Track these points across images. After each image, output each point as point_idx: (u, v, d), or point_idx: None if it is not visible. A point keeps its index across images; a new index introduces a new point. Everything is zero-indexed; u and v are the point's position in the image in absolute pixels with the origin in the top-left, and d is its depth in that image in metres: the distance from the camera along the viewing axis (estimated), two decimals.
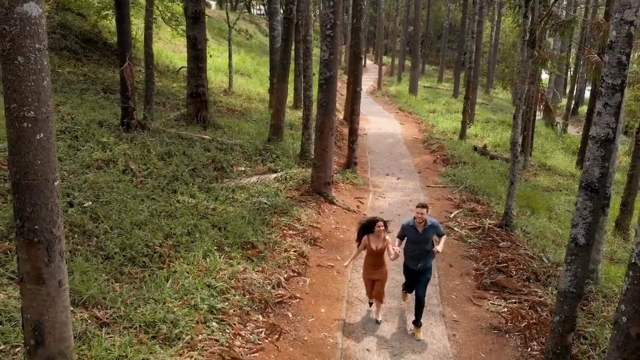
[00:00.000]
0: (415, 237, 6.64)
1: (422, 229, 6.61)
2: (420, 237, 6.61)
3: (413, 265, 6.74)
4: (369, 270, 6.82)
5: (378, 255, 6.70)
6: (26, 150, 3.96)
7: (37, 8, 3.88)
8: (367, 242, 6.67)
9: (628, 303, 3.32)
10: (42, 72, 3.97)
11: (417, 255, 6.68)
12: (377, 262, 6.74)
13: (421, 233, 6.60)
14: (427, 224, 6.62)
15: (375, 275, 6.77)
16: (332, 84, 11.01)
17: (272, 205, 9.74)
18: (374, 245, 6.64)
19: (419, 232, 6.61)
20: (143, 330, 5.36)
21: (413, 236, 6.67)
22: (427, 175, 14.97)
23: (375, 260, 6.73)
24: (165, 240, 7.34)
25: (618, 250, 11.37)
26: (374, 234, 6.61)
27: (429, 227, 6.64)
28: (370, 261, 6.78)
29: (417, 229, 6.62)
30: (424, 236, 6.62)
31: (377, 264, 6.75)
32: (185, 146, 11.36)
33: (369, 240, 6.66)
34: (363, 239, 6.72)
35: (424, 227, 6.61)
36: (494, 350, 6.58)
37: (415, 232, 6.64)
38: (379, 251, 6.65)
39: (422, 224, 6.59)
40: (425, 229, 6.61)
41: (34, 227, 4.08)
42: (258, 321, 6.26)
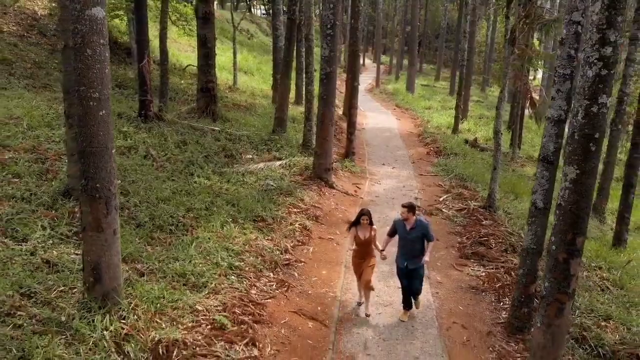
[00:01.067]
0: (403, 233, 6.80)
1: (410, 227, 6.73)
2: (407, 234, 6.75)
3: (401, 263, 6.88)
4: (357, 261, 7.08)
5: (366, 245, 6.96)
6: (91, 123, 5.05)
7: (102, 11, 4.96)
8: (355, 233, 6.98)
9: (556, 235, 4.38)
10: (105, 62, 5.05)
11: (405, 252, 6.81)
12: (366, 252, 7.00)
13: (408, 230, 6.74)
14: (416, 223, 6.76)
15: (364, 264, 7.00)
16: (332, 78, 12.09)
17: (278, 187, 10.82)
18: (361, 235, 6.92)
19: (407, 230, 6.76)
20: (175, 279, 6.44)
21: (401, 232, 6.83)
22: (420, 165, 16.05)
23: (363, 250, 7.00)
24: (187, 213, 8.43)
25: (592, 230, 12.45)
26: (361, 225, 6.93)
27: (418, 226, 6.75)
28: (359, 251, 7.05)
29: (405, 226, 6.78)
30: (410, 234, 6.73)
31: (366, 254, 7.00)
32: (197, 136, 12.44)
33: (357, 230, 6.96)
34: (351, 231, 7.07)
35: (412, 226, 6.73)
36: (471, 304, 7.67)
37: (403, 229, 6.80)
38: (366, 241, 6.92)
39: (411, 222, 6.74)
40: (413, 227, 6.73)
41: (96, 186, 5.17)
42: (269, 277, 7.35)
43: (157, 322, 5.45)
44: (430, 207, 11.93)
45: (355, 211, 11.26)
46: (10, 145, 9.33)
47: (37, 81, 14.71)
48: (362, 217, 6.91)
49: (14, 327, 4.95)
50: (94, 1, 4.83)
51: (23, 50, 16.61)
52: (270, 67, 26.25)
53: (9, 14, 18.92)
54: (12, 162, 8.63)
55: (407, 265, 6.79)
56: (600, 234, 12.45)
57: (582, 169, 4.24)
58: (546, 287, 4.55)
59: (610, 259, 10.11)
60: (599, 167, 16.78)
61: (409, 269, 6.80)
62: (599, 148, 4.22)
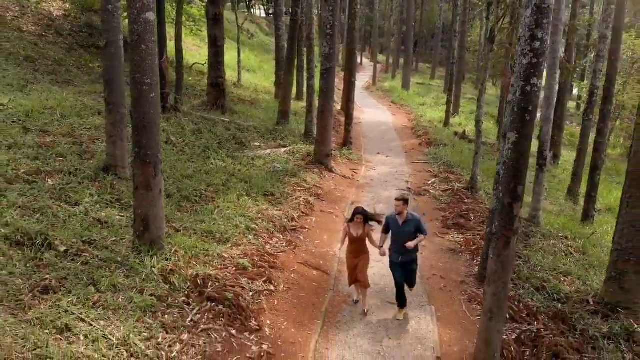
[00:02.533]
0: (396, 229, 6.82)
1: (402, 222, 6.78)
2: (400, 229, 6.77)
3: (395, 259, 6.90)
4: (350, 257, 7.08)
5: (359, 242, 6.99)
6: (144, 104, 6.43)
7: (153, 15, 6.35)
8: (348, 230, 7.01)
9: (502, 185, 5.74)
10: (154, 55, 6.43)
11: (398, 247, 6.78)
12: (359, 249, 7.03)
13: (401, 226, 6.77)
14: (408, 218, 6.79)
15: (357, 261, 7.03)
16: (331, 74, 13.48)
17: (284, 169, 12.21)
18: (354, 232, 6.94)
19: (399, 224, 6.79)
20: (204, 235, 7.83)
21: (394, 228, 6.86)
22: (412, 154, 17.45)
23: (356, 247, 7.03)
24: (207, 187, 9.81)
25: (566, 210, 13.86)
26: (354, 222, 6.95)
27: (410, 221, 6.79)
28: (351, 248, 7.06)
29: (397, 221, 6.80)
30: (403, 229, 6.75)
31: (359, 251, 7.03)
32: (210, 125, 13.82)
33: (350, 228, 6.99)
34: (344, 227, 7.13)
35: (404, 220, 6.77)
36: (449, 262, 9.07)
37: (395, 224, 6.83)
38: (359, 237, 6.95)
39: (403, 217, 6.78)
40: (405, 222, 6.77)
41: (147, 153, 6.55)
42: (280, 238, 8.74)
43: (193, 263, 6.83)
44: (419, 188, 13.33)
45: (352, 192, 12.72)
46: (49, 130, 10.69)
47: (59, 77, 16.04)
48: (356, 216, 6.92)
49: (83, 264, 6.31)
50: (148, 7, 6.21)
51: (43, 48, 17.96)
52: (271, 66, 27.64)
53: (27, 15, 20.26)
54: (54, 144, 10.00)
55: (400, 259, 6.85)
56: (572, 213, 13.83)
57: (520, 133, 5.60)
58: (496, 226, 5.91)
59: (576, 230, 11.51)
60: (573, 155, 18.06)
61: (402, 262, 6.89)
62: (532, 118, 5.57)
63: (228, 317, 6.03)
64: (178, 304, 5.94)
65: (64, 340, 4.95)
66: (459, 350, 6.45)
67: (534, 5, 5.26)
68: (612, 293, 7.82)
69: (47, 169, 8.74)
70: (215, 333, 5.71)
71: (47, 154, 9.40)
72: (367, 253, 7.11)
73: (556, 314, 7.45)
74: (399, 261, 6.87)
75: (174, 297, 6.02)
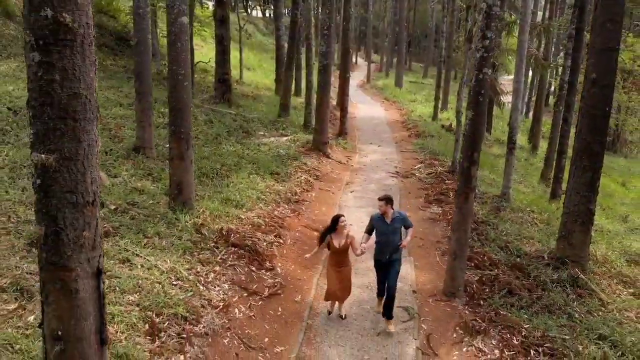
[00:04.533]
0: (384, 228, 6.69)
1: (390, 220, 6.71)
2: (389, 227, 6.68)
3: (381, 257, 6.78)
4: (332, 270, 6.72)
5: (342, 254, 6.63)
6: (179, 90, 8.01)
7: (186, 19, 7.93)
8: (330, 240, 6.60)
9: (462, 152, 7.33)
10: (187, 51, 8.03)
11: (384, 247, 6.70)
12: (341, 262, 6.68)
13: (389, 223, 6.69)
14: (395, 215, 6.77)
15: (340, 274, 6.71)
16: (328, 70, 15.10)
17: (286, 154, 13.81)
18: (336, 243, 6.54)
19: (387, 222, 6.70)
20: (223, 202, 9.41)
21: (381, 227, 6.71)
22: (402, 145, 19.08)
23: (338, 260, 6.65)
24: (222, 167, 11.39)
25: (537, 191, 15.53)
26: (336, 232, 6.58)
27: (397, 217, 6.77)
28: (334, 260, 6.69)
29: (385, 220, 6.71)
30: (392, 226, 6.69)
31: (341, 263, 6.69)
32: (219, 117, 15.40)
33: (332, 238, 6.59)
34: (326, 238, 6.67)
35: (392, 218, 6.72)
36: (429, 228, 10.70)
37: (383, 223, 6.71)
38: (342, 248, 6.57)
39: (389, 215, 6.72)
40: (393, 219, 6.73)
41: (181, 130, 8.14)
42: (285, 207, 10.35)
43: (217, 220, 8.43)
44: (407, 172, 14.97)
45: (346, 174, 14.33)
46: None
47: None
48: (340, 220, 6.64)
49: (130, 218, 7.89)
50: (183, 13, 7.80)
51: None
52: (270, 64, 29.19)
53: None
54: None
55: (388, 258, 6.74)
56: (543, 194, 15.49)
57: (475, 111, 7.20)
58: (458, 185, 7.50)
59: (543, 206, 13.17)
60: (545, 143, 19.77)
61: (387, 261, 6.76)
62: (485, 99, 7.18)
63: (248, 258, 7.64)
64: (209, 248, 7.53)
65: (126, 268, 6.53)
66: (431, 287, 8.07)
67: (484, 12, 6.89)
68: (562, 249, 9.46)
69: None
70: (239, 268, 7.32)
71: None
72: (350, 266, 6.84)
73: (514, 265, 9.09)
74: (387, 260, 6.73)
75: (205, 243, 7.61)
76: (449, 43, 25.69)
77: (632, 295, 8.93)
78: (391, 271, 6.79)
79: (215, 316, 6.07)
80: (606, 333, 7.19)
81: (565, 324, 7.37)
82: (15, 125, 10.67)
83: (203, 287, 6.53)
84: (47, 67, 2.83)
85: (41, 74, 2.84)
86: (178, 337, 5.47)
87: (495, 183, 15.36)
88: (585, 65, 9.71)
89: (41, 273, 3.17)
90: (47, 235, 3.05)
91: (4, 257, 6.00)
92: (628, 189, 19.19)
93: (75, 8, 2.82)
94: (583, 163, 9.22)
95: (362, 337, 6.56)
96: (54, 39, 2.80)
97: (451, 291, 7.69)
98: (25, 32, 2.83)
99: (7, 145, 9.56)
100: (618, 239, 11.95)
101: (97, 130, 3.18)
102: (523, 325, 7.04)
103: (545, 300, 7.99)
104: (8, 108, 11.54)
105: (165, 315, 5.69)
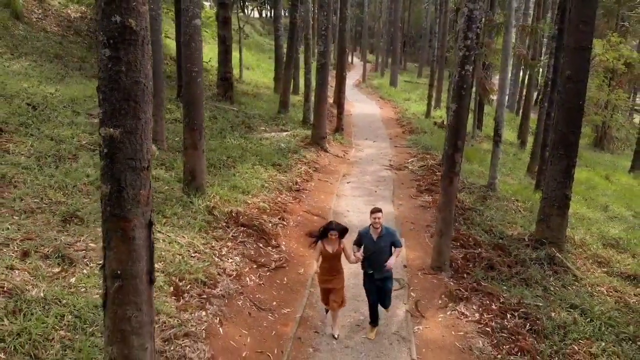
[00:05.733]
0: (371, 245, 6.39)
1: (377, 236, 6.36)
2: (375, 244, 6.36)
3: (369, 274, 6.54)
4: (324, 277, 6.47)
5: (334, 259, 6.40)
6: (193, 86, 8.86)
7: (199, 21, 8.77)
8: (322, 247, 6.38)
9: (447, 141, 8.22)
10: (200, 50, 8.87)
11: (373, 263, 6.42)
12: (334, 268, 6.44)
13: (376, 240, 6.36)
14: (382, 232, 6.37)
15: (332, 283, 6.44)
16: (325, 68, 15.96)
17: (286, 147, 14.67)
18: (329, 248, 6.34)
19: (374, 239, 6.37)
20: (231, 188, 10.24)
21: (368, 243, 6.42)
22: (396, 140, 19.98)
23: (331, 265, 6.42)
24: (227, 158, 12.23)
25: (523, 183, 16.44)
26: (328, 238, 6.35)
27: (385, 234, 6.39)
28: (326, 267, 6.44)
29: (372, 236, 6.38)
30: (378, 244, 6.36)
31: (334, 270, 6.45)
32: (223, 113, 16.24)
33: (324, 244, 6.37)
34: (318, 245, 6.44)
35: (379, 235, 6.36)
36: (420, 214, 11.58)
37: (370, 239, 6.39)
38: (335, 254, 6.35)
39: (379, 230, 6.36)
40: (380, 236, 6.35)
41: (194, 122, 8.98)
42: (287, 194, 11.21)
43: (227, 204, 9.27)
44: (400, 165, 15.85)
45: (343, 167, 15.20)
46: (93, 114, 13.02)
47: (86, 72, 18.29)
48: (330, 232, 6.32)
49: None
50: (196, 16, 8.65)
51: (67, 47, 20.24)
52: (267, 64, 30.04)
53: (50, 17, 22.52)
54: None
55: (377, 276, 6.45)
56: (528, 185, 16.40)
57: (459, 104, 8.07)
58: (444, 170, 8.37)
59: (527, 195, 14.07)
60: (531, 138, 20.73)
61: (377, 279, 6.47)
62: (467, 93, 8.05)
63: (256, 236, 8.49)
64: (221, 227, 8.38)
65: None
66: (420, 262, 8.95)
67: (466, 16, 7.76)
68: (541, 231, 10.35)
69: None
70: (248, 244, 8.17)
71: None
72: (342, 272, 6.56)
73: (496, 245, 9.98)
74: (376, 277, 6.46)
75: (217, 223, 8.46)
76: (442, 43, 26.60)
77: (605, 273, 9.82)
78: (385, 290, 6.57)
79: (230, 282, 6.92)
80: (577, 303, 8.06)
81: (541, 295, 8.26)
82: (35, 119, 11.48)
83: (218, 259, 7.38)
84: (116, 60, 3.67)
85: (110, 66, 3.68)
86: (199, 297, 6.32)
87: (484, 175, 16.24)
88: (562, 63, 10.61)
89: (104, 224, 4.01)
90: (111, 193, 3.89)
91: (43, 231, 6.82)
92: (611, 182, 20.09)
93: (137, 15, 3.68)
94: (559, 152, 10.12)
95: (357, 302, 7.41)
96: (121, 39, 3.65)
97: (438, 265, 8.56)
98: (98, 33, 3.67)
99: (31, 137, 10.36)
100: (597, 225, 12.83)
101: (151, 110, 4.01)
102: (502, 294, 7.93)
103: (524, 274, 8.87)
104: (27, 104, 12.36)
105: (187, 280, 6.54)
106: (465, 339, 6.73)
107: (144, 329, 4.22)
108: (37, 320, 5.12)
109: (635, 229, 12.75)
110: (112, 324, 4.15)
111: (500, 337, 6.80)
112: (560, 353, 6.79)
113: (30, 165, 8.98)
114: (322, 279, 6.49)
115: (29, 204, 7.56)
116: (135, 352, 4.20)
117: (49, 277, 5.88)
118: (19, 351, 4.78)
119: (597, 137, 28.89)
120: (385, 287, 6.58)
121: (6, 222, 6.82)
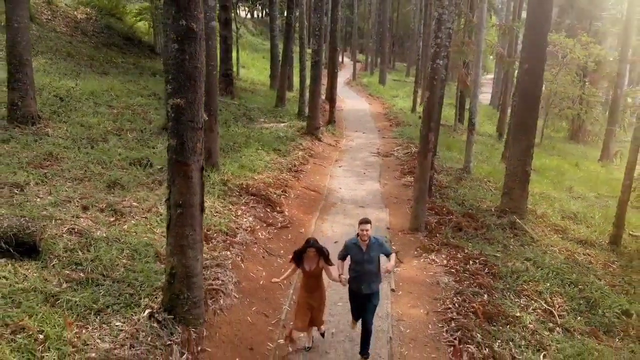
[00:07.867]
0: (359, 257, 6.04)
1: (366, 247, 6.03)
2: (364, 256, 6.03)
3: (356, 288, 6.13)
4: (304, 294, 6.23)
5: (311, 278, 6.16)
6: (210, 78, 10.49)
7: (215, 23, 10.42)
8: (301, 264, 6.15)
9: (422, 123, 9.95)
10: (215, 48, 10.52)
11: (360, 276, 6.06)
12: (314, 285, 6.19)
13: (364, 251, 6.03)
14: (371, 242, 6.03)
15: (311, 299, 6.19)
16: (319, 65, 17.68)
17: (285, 136, 16.35)
18: (307, 266, 6.10)
19: (362, 250, 6.03)
20: (240, 167, 11.89)
21: (356, 255, 6.07)
22: (383, 132, 21.73)
23: (311, 282, 6.17)
24: (234, 144, 13.87)
25: (498, 168, 18.25)
26: (306, 254, 6.05)
27: (373, 244, 6.05)
28: (305, 283, 6.22)
29: (360, 248, 6.04)
30: (367, 255, 6.03)
31: (314, 287, 6.19)
32: (225, 106, 17.87)
33: (303, 261, 6.13)
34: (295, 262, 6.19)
35: (367, 245, 6.02)
36: (402, 191, 13.31)
37: (358, 251, 6.05)
38: (312, 272, 6.11)
39: (366, 242, 6.01)
40: (369, 246, 6.03)
41: (211, 108, 10.62)
42: (287, 174, 12.88)
43: (237, 179, 10.94)
44: (387, 152, 17.59)
45: (335, 154, 16.90)
46: (113, 105, 14.62)
47: (97, 69, 19.78)
48: (308, 249, 6.00)
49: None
50: (212, 18, 10.30)
51: (76, 46, 21.70)
52: (261, 62, 31.67)
53: (58, 18, 23.96)
54: (121, 114, 13.94)
55: (362, 289, 6.10)
56: (502, 169, 18.21)
57: (431, 92, 9.82)
58: (420, 146, 10.12)
59: (499, 177, 15.83)
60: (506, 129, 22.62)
61: (364, 294, 6.12)
62: (438, 83, 9.78)
63: (264, 203, 10.17)
64: (235, 195, 10.04)
65: None
66: (400, 226, 10.68)
67: (436, 18, 9.50)
68: (506, 203, 12.09)
69: (126, 127, 12.74)
70: (258, 209, 9.85)
71: (121, 119, 13.36)
72: (323, 289, 6.32)
73: (466, 214, 11.72)
74: (363, 291, 6.09)
75: (232, 192, 10.11)
76: (426, 43, 28.44)
77: (560, 238, 11.56)
78: (368, 306, 6.15)
79: (246, 235, 8.59)
80: (531, 257, 9.77)
81: (500, 250, 9.99)
82: (64, 108, 13.05)
83: (235, 217, 9.04)
84: (181, 52, 5.34)
85: (178, 55, 5.35)
86: (224, 242, 7.98)
87: (462, 162, 18.06)
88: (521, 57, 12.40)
89: (170, 168, 5.67)
90: (176, 145, 5.56)
91: (94, 193, 8.44)
92: (580, 169, 21.98)
93: (197, 19, 5.35)
94: (519, 135, 11.89)
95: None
96: (186, 36, 5.31)
97: (415, 227, 10.28)
98: (169, 32, 5.34)
99: (64, 123, 11.94)
100: (560, 202, 14.61)
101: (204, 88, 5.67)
102: (467, 247, 9.67)
103: (487, 235, 10.62)
104: (54, 95, 13.92)
105: (213, 230, 8.19)
106: (434, 277, 8.45)
107: (196, 245, 5.89)
108: (104, 252, 6.75)
109: (594, 206, 14.46)
110: (174, 241, 5.82)
111: (462, 276, 8.51)
112: (512, 290, 8.49)
113: (69, 146, 10.57)
114: (301, 296, 6.28)
115: (76, 174, 9.17)
116: (190, 261, 5.87)
117: (107, 223, 7.51)
118: (94, 272, 6.41)
119: (572, 130, 30.81)
120: (370, 305, 6.17)
121: (63, 186, 8.43)
